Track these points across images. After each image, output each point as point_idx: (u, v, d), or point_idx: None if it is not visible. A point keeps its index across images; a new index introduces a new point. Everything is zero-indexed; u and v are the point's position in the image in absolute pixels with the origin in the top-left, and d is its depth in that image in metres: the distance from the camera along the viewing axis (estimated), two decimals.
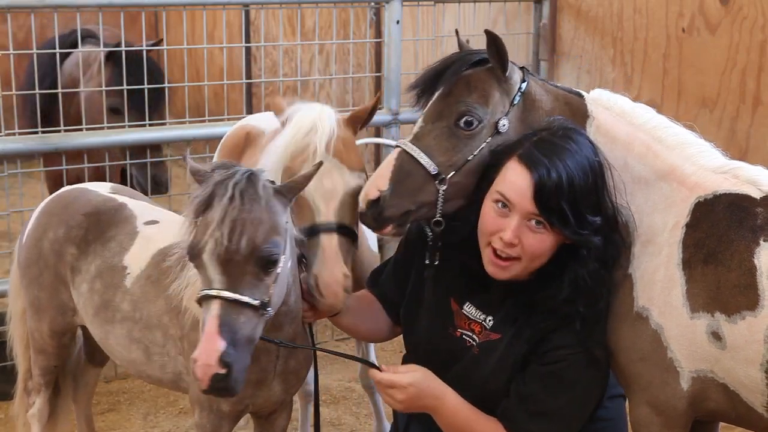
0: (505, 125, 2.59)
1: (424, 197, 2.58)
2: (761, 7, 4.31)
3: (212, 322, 2.24)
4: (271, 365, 2.69)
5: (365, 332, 3.06)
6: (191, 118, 5.40)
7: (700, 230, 2.48)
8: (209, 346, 2.22)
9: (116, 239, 3.00)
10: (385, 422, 4.02)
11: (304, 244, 2.59)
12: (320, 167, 2.53)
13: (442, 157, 2.57)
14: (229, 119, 4.81)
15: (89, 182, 3.56)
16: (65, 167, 4.55)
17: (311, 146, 2.67)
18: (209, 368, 2.23)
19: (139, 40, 4.97)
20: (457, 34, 2.86)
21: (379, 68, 5.66)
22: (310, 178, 2.48)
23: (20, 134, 4.62)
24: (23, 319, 3.34)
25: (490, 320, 2.70)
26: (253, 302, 2.29)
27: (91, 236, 3.02)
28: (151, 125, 4.90)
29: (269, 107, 3.00)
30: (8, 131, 4.46)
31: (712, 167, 2.55)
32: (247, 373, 2.64)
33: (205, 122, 5.24)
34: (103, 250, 2.99)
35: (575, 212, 2.48)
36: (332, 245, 2.62)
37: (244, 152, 3.70)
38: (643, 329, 2.52)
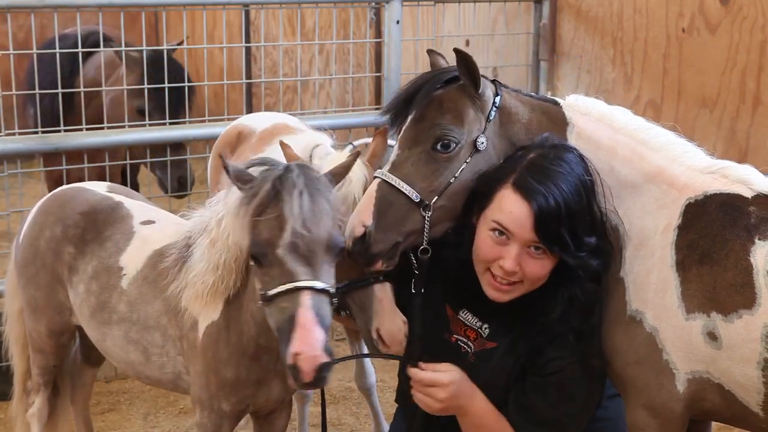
0: (483, 143, 2.54)
1: (410, 226, 2.54)
2: (761, 7, 4.30)
3: (307, 312, 2.22)
4: (271, 364, 2.69)
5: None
6: (191, 118, 5.40)
7: (692, 231, 2.47)
8: (311, 336, 2.20)
9: (113, 239, 2.99)
10: (383, 423, 4.02)
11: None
12: (357, 156, 2.57)
13: (423, 183, 2.52)
14: (229, 119, 4.80)
15: (86, 182, 3.55)
16: (65, 167, 4.55)
17: (349, 197, 2.66)
18: (316, 359, 2.19)
19: (139, 40, 4.97)
20: (429, 53, 2.80)
21: (379, 68, 5.66)
22: (350, 167, 2.52)
23: (20, 134, 4.62)
24: (20, 319, 3.33)
25: (486, 328, 2.70)
26: (332, 290, 2.31)
27: (88, 236, 3.02)
28: (151, 125, 4.90)
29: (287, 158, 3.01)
30: (8, 131, 4.46)
31: (699, 167, 2.54)
32: (248, 372, 2.65)
33: (205, 122, 5.24)
34: (99, 250, 2.99)
35: (573, 236, 2.47)
36: (388, 295, 2.61)
37: (235, 150, 3.74)
38: (637, 332, 2.51)
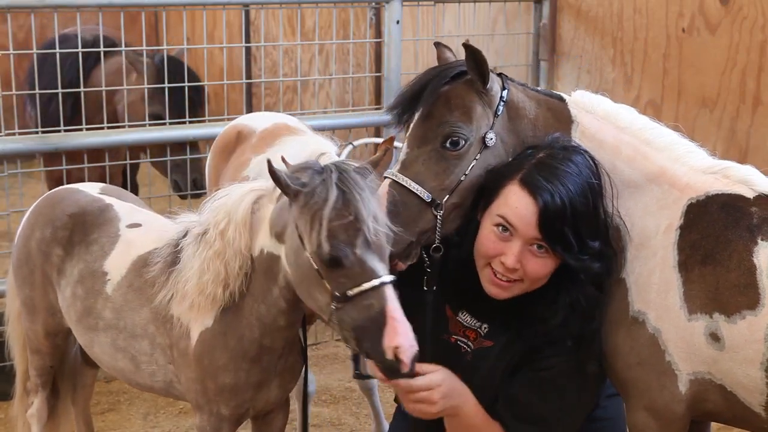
0: (492, 138, 2.52)
1: (422, 226, 2.52)
2: (761, 7, 4.30)
3: (396, 306, 2.25)
4: (272, 365, 2.69)
5: None
6: (191, 118, 5.39)
7: (695, 232, 2.46)
8: (406, 328, 2.24)
9: (98, 242, 2.96)
10: (384, 423, 4.02)
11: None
12: (386, 152, 2.57)
13: (433, 182, 2.50)
14: (229, 119, 4.80)
15: (80, 183, 3.53)
16: (65, 167, 4.55)
17: None
18: (413, 349, 2.24)
19: (139, 40, 4.97)
20: (437, 46, 2.76)
21: (379, 68, 5.66)
22: (378, 163, 2.52)
23: (20, 134, 4.62)
24: (20, 319, 3.33)
25: (485, 328, 2.70)
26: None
27: (76, 238, 2.99)
28: (151, 125, 4.90)
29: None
30: (8, 131, 4.46)
31: (701, 168, 2.54)
32: (248, 376, 2.64)
33: (205, 122, 5.24)
34: (85, 253, 2.96)
35: (577, 238, 2.46)
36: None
37: (234, 150, 3.73)
38: (640, 333, 2.50)
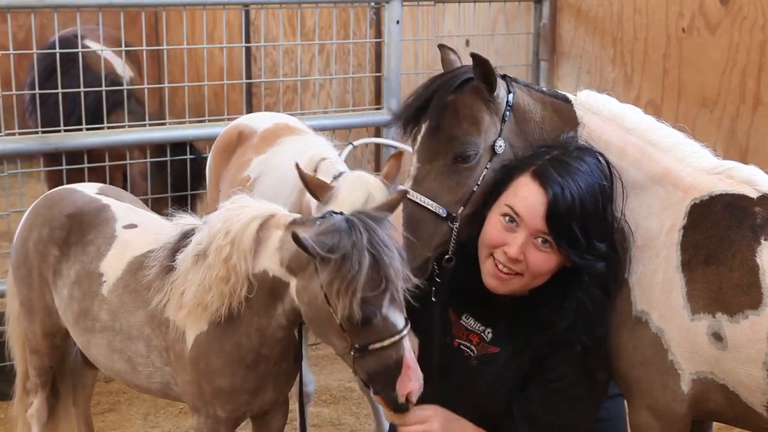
0: (501, 146, 2.53)
1: (438, 240, 2.53)
2: (761, 7, 4.30)
3: (410, 354, 2.39)
4: (268, 371, 2.68)
5: None
6: (191, 118, 5.40)
7: (698, 232, 2.47)
8: (418, 375, 2.39)
9: (95, 243, 2.95)
10: (384, 423, 4.02)
11: None
12: (405, 195, 2.53)
13: (447, 196, 2.50)
14: (229, 119, 4.80)
15: (78, 183, 3.53)
16: (65, 167, 4.55)
17: None
18: (421, 389, 2.41)
19: (139, 40, 4.97)
20: (441, 48, 2.76)
21: (379, 68, 5.66)
22: (395, 206, 2.52)
23: (20, 134, 4.62)
24: (20, 319, 3.32)
25: (489, 333, 2.69)
26: None
27: (72, 238, 2.99)
28: (151, 125, 4.90)
29: (314, 190, 2.99)
30: (8, 131, 4.46)
31: (705, 168, 2.54)
32: (244, 381, 2.64)
33: (205, 122, 5.24)
34: (82, 254, 2.95)
35: (584, 236, 2.46)
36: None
37: (235, 150, 3.73)
38: (643, 333, 2.51)
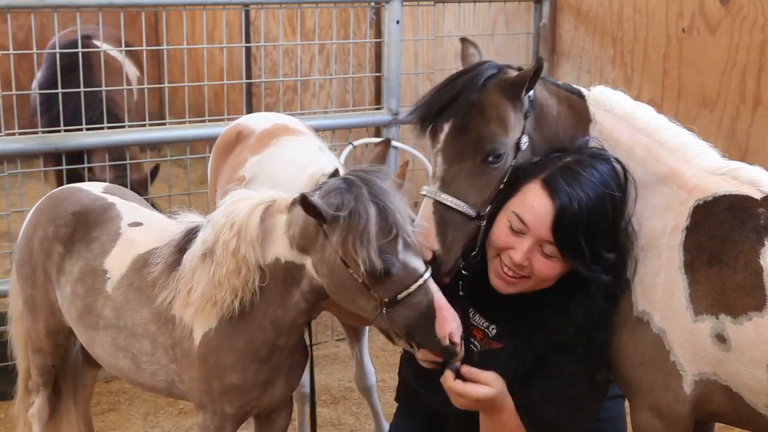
0: (525, 142, 2.52)
1: (468, 240, 2.54)
2: (761, 7, 4.31)
3: (440, 295, 2.38)
4: (281, 363, 2.69)
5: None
6: (191, 118, 5.40)
7: (701, 233, 2.46)
8: (453, 314, 2.37)
9: (99, 240, 2.96)
10: (384, 423, 4.02)
11: None
12: (389, 144, 2.63)
13: (476, 196, 2.50)
14: (229, 119, 4.80)
15: (83, 182, 3.54)
16: (65, 167, 4.55)
17: None
18: (461, 329, 2.38)
19: (139, 40, 4.97)
20: (463, 42, 2.75)
21: (379, 68, 5.66)
22: (383, 158, 2.60)
23: (20, 134, 4.62)
24: (22, 318, 3.32)
25: (493, 329, 2.70)
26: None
27: (77, 236, 2.99)
28: (151, 125, 4.90)
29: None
30: (8, 131, 4.46)
31: (711, 169, 2.53)
32: (256, 376, 2.64)
33: (205, 122, 5.24)
34: (86, 251, 2.96)
35: (591, 247, 2.45)
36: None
37: (233, 150, 3.73)
38: (644, 334, 2.50)
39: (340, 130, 5.18)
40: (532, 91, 2.54)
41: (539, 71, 2.47)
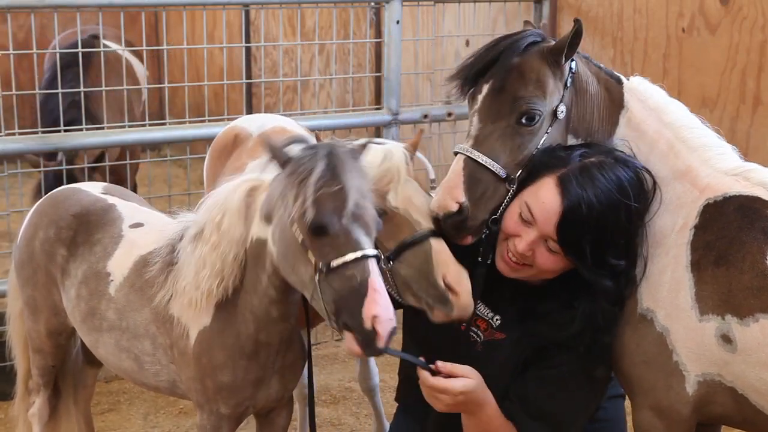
0: (563, 111, 2.52)
1: (496, 201, 2.53)
2: (761, 7, 4.31)
3: (378, 279, 2.26)
4: (270, 361, 2.69)
5: None
6: (191, 118, 5.40)
7: (709, 232, 2.45)
8: (386, 301, 2.25)
9: (102, 243, 2.97)
10: (385, 423, 4.02)
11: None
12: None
13: (508, 158, 2.50)
14: (229, 119, 4.80)
15: (83, 182, 3.54)
16: (65, 167, 4.55)
17: (392, 169, 2.62)
18: (391, 322, 2.25)
19: (139, 40, 4.97)
20: (526, 24, 2.75)
21: (379, 68, 5.66)
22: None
23: (20, 134, 4.62)
24: (22, 319, 3.32)
25: (497, 319, 2.70)
26: (382, 258, 2.41)
27: (80, 238, 3.00)
28: (151, 125, 4.89)
29: None
30: (8, 131, 4.46)
31: (725, 169, 2.52)
32: (246, 373, 2.65)
33: (205, 122, 5.24)
34: (89, 254, 2.97)
35: (595, 252, 2.45)
36: (445, 247, 2.53)
37: (231, 154, 3.70)
38: (647, 332, 2.50)
39: (340, 130, 5.18)
40: (574, 63, 2.55)
41: (578, 35, 2.47)
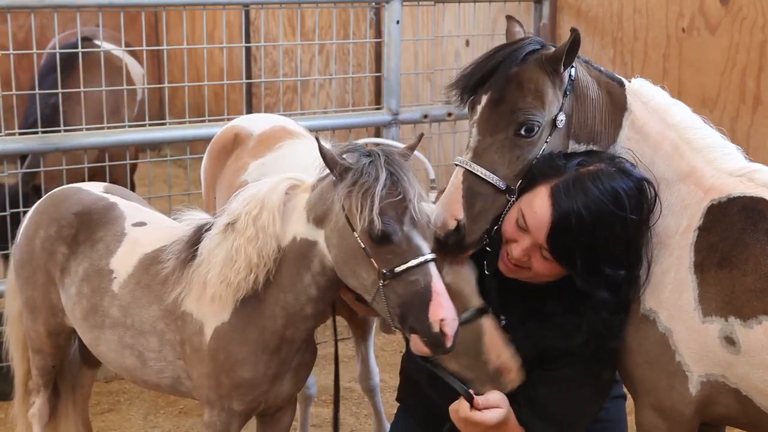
0: (562, 120, 2.51)
1: (496, 212, 2.53)
2: (761, 7, 4.31)
3: (440, 282, 2.35)
4: (290, 358, 2.70)
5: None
6: (191, 118, 5.40)
7: (713, 233, 2.44)
8: (449, 303, 2.33)
9: (104, 241, 2.98)
10: (385, 423, 4.02)
11: None
12: (421, 138, 2.65)
13: (507, 169, 2.50)
14: (229, 119, 4.80)
15: (83, 182, 3.54)
16: (65, 167, 4.55)
17: None
18: (456, 323, 2.34)
19: (139, 40, 4.97)
20: (508, 20, 2.76)
21: (379, 68, 5.66)
22: (414, 148, 2.60)
23: (20, 134, 4.62)
24: (20, 320, 3.32)
25: (503, 320, 2.70)
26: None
27: (81, 236, 3.01)
28: (151, 125, 4.89)
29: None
30: (8, 131, 4.46)
31: (729, 170, 2.51)
32: (266, 368, 2.65)
33: (205, 122, 5.24)
34: (91, 251, 2.97)
35: (588, 262, 2.45)
36: (496, 325, 2.56)
37: (231, 153, 3.69)
38: (649, 332, 2.49)
39: (340, 130, 5.18)
40: (573, 70, 2.53)
41: (576, 43, 2.46)
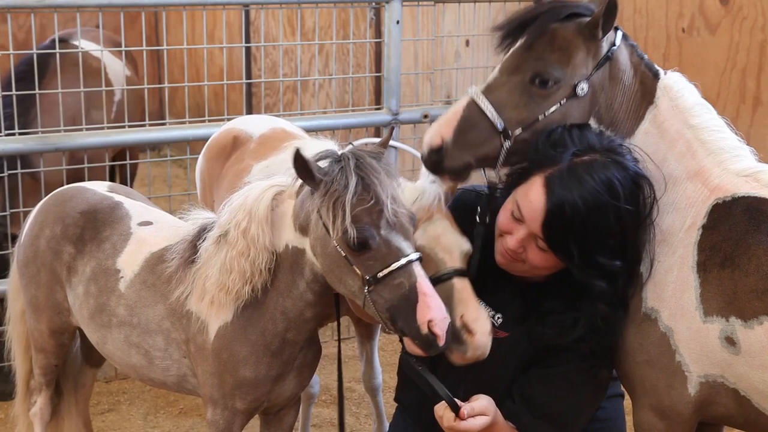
0: (584, 89, 2.50)
1: (486, 151, 2.52)
2: (761, 7, 4.31)
3: (425, 281, 2.33)
4: (293, 358, 2.71)
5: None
6: (191, 118, 5.40)
7: (717, 233, 2.43)
8: (438, 302, 2.32)
9: (110, 240, 2.98)
10: (385, 422, 4.02)
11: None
12: (392, 132, 2.64)
13: (511, 112, 2.50)
14: (229, 119, 4.80)
15: (87, 181, 3.55)
16: (65, 167, 4.55)
17: (423, 208, 2.64)
18: (446, 321, 2.32)
19: (139, 40, 4.97)
20: None
21: (379, 68, 5.66)
22: (386, 143, 2.59)
23: (20, 134, 4.62)
24: (22, 319, 3.32)
25: (499, 318, 2.71)
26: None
27: (87, 235, 3.01)
28: (151, 125, 4.89)
29: None
30: (8, 131, 4.46)
31: (736, 170, 2.50)
32: (268, 369, 2.65)
33: (205, 122, 5.23)
34: (97, 251, 2.98)
35: (583, 251, 2.45)
36: (467, 286, 2.55)
37: (230, 156, 3.67)
38: (650, 331, 2.49)
39: (339, 130, 5.18)
40: (616, 48, 2.53)
41: (612, 8, 2.44)
